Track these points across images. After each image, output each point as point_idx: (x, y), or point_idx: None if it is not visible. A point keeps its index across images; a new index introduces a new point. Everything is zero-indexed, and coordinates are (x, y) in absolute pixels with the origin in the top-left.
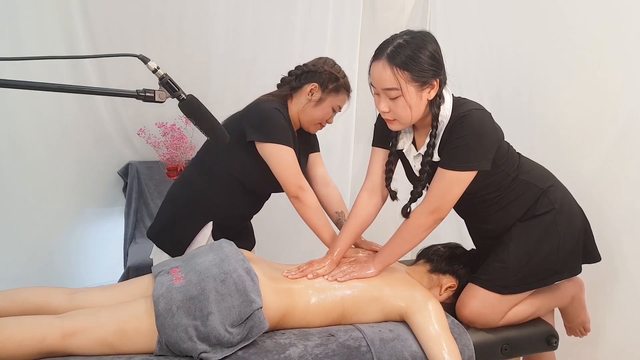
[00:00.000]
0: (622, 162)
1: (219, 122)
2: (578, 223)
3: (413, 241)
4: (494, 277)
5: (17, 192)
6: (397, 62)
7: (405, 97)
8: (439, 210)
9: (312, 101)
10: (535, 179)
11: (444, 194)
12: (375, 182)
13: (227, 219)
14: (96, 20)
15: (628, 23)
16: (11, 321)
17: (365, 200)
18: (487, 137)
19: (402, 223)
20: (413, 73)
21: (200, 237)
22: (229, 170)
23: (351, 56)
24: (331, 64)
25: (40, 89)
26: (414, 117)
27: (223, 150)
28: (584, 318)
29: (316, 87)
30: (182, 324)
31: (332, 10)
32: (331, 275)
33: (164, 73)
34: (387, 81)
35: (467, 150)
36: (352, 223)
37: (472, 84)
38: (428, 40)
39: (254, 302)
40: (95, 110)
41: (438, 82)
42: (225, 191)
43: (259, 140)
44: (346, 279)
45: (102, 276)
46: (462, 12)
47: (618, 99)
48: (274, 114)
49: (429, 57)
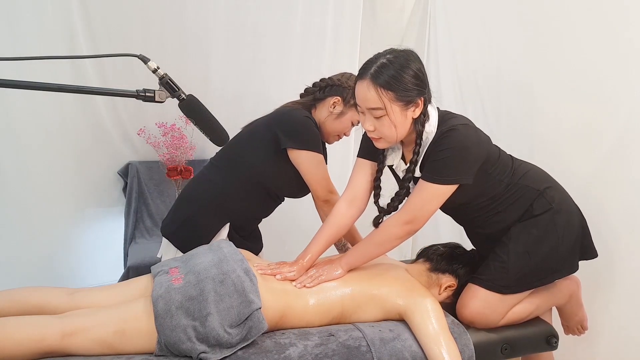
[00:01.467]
0: (621, 162)
1: (219, 122)
2: (576, 221)
3: (383, 248)
4: (494, 277)
5: (17, 192)
6: (381, 82)
7: (390, 116)
8: (414, 221)
9: (334, 114)
10: (530, 182)
11: (422, 206)
12: (355, 193)
13: (242, 220)
14: (96, 20)
15: (627, 23)
16: (10, 321)
17: (343, 210)
18: (470, 151)
19: (375, 230)
20: (397, 93)
21: (217, 238)
22: (253, 172)
23: (351, 56)
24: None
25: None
26: (399, 135)
27: (250, 152)
28: (581, 316)
29: (339, 101)
30: (181, 324)
31: (332, 11)
32: (299, 282)
33: (164, 73)
34: (372, 101)
35: (448, 164)
36: (327, 231)
37: (472, 84)
38: (411, 59)
39: (252, 302)
40: (95, 110)
41: (422, 101)
42: (244, 192)
43: (294, 147)
44: (315, 284)
45: (102, 276)
46: (462, 12)
47: (618, 99)
48: (308, 122)
49: (413, 76)
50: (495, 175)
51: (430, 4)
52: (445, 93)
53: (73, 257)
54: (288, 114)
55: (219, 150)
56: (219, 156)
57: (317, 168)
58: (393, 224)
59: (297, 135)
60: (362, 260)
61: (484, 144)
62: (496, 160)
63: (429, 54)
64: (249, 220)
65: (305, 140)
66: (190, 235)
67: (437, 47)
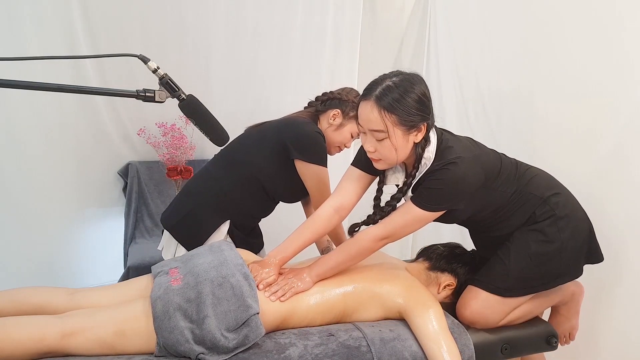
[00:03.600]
0: (621, 165)
1: (219, 122)
2: (582, 228)
3: (355, 260)
4: (496, 279)
5: (17, 192)
6: (385, 104)
7: (392, 139)
8: (391, 237)
9: (333, 125)
10: (535, 189)
11: (403, 226)
12: (343, 201)
13: (242, 218)
14: (96, 20)
15: (628, 23)
16: (11, 321)
17: (328, 216)
18: (464, 185)
19: (349, 240)
20: (400, 117)
21: (217, 234)
22: (258, 174)
23: (351, 56)
24: (355, 94)
25: (40, 89)
26: (399, 158)
27: (257, 155)
28: (574, 324)
29: (338, 113)
30: (179, 326)
31: (332, 10)
32: (274, 295)
33: (164, 73)
34: (374, 123)
35: (441, 194)
36: (306, 234)
37: (472, 84)
38: (416, 82)
39: (250, 307)
40: (95, 110)
41: (425, 126)
42: (246, 192)
43: (304, 160)
44: (287, 298)
45: (102, 276)
46: (462, 12)
47: (618, 102)
48: (319, 137)
49: (417, 101)
50: (498, 188)
51: (430, 4)
52: (446, 94)
53: (73, 257)
54: (300, 127)
55: (224, 147)
56: (224, 154)
57: (322, 182)
58: (370, 239)
59: (308, 149)
60: (333, 272)
61: (480, 172)
62: (497, 176)
63: (429, 54)
64: (248, 218)
65: (315, 155)
66: (190, 230)
67: (437, 47)
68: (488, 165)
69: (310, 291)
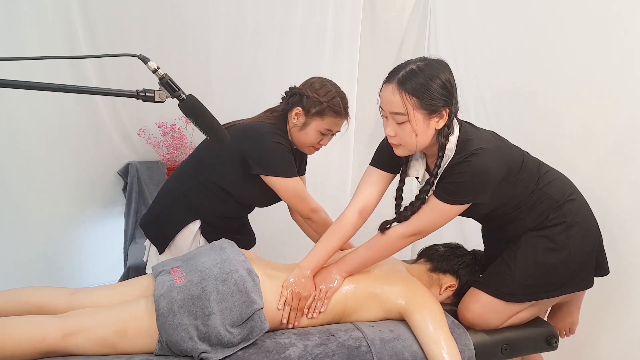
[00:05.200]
0: (622, 164)
1: (219, 122)
2: (591, 239)
3: (384, 257)
4: (499, 283)
5: (17, 192)
6: (407, 87)
7: (412, 123)
8: (419, 234)
9: (297, 125)
10: (553, 191)
11: (430, 223)
12: (365, 203)
13: (213, 218)
14: (96, 20)
15: (628, 22)
16: (11, 321)
17: (353, 221)
18: (487, 177)
19: (377, 236)
20: (422, 100)
21: (186, 232)
22: (220, 181)
23: (351, 56)
24: (317, 86)
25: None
26: (419, 144)
27: (219, 162)
28: (575, 319)
29: (300, 112)
30: (183, 323)
31: (332, 10)
32: (315, 313)
33: (164, 73)
34: (395, 105)
35: (464, 187)
36: (333, 241)
37: (472, 84)
38: (442, 68)
39: (255, 302)
40: (95, 110)
41: (448, 112)
42: (214, 195)
43: (265, 174)
44: (326, 305)
45: (102, 276)
46: (462, 12)
47: (619, 98)
48: (278, 148)
49: (440, 86)
50: (520, 183)
51: (430, 4)
52: None
53: (73, 257)
54: (258, 140)
55: (199, 144)
56: (196, 152)
57: (293, 192)
58: (400, 237)
59: (268, 163)
60: (362, 268)
61: (503, 164)
62: (519, 169)
63: (429, 54)
64: (219, 219)
65: (276, 168)
66: (160, 228)
67: (437, 47)
68: (510, 158)
69: None
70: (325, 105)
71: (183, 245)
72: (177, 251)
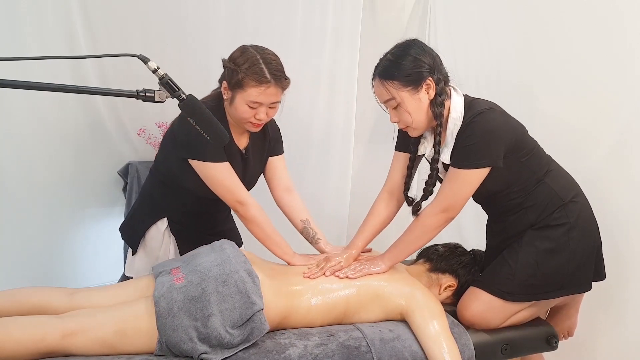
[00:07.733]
0: (621, 163)
1: (219, 122)
2: (591, 242)
3: (423, 240)
4: (499, 282)
5: (17, 192)
6: (385, 75)
7: (402, 104)
8: (450, 209)
9: (227, 101)
10: (559, 189)
11: (455, 193)
12: (393, 186)
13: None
14: (96, 20)
15: (628, 20)
16: (11, 321)
17: (385, 201)
18: (495, 134)
19: (412, 221)
20: (399, 80)
21: (154, 232)
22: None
23: (351, 56)
24: (236, 55)
25: (40, 89)
26: (416, 120)
27: (165, 156)
28: (573, 322)
29: (225, 86)
30: (183, 324)
31: (332, 10)
32: (342, 273)
33: (164, 73)
34: (383, 95)
35: (476, 148)
36: (372, 221)
37: (472, 84)
38: (411, 45)
39: (255, 303)
40: (95, 110)
41: (432, 80)
42: (172, 192)
43: (189, 157)
44: (357, 276)
45: (102, 276)
46: (462, 12)
47: (619, 98)
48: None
49: (411, 60)
50: (529, 165)
51: (430, 4)
52: None
53: (73, 257)
54: (184, 120)
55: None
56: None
57: (216, 178)
58: (429, 215)
59: (187, 144)
60: (405, 255)
61: (511, 127)
62: (531, 150)
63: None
64: (185, 216)
65: (198, 150)
66: (131, 229)
67: (437, 47)
68: (516, 124)
69: (312, 291)
70: (241, 75)
71: (154, 245)
72: (150, 251)
